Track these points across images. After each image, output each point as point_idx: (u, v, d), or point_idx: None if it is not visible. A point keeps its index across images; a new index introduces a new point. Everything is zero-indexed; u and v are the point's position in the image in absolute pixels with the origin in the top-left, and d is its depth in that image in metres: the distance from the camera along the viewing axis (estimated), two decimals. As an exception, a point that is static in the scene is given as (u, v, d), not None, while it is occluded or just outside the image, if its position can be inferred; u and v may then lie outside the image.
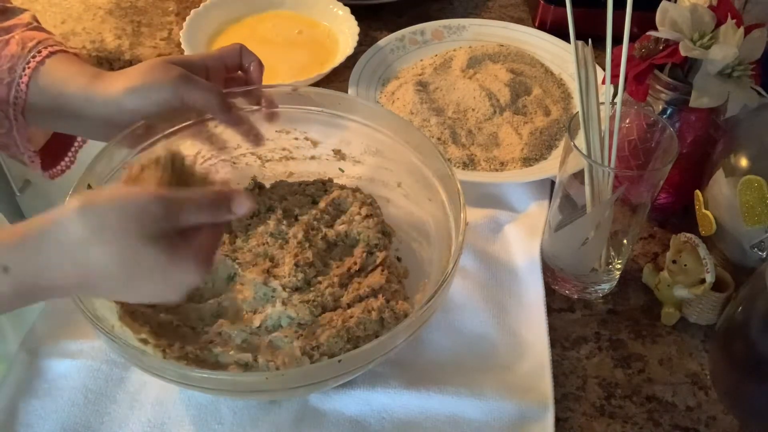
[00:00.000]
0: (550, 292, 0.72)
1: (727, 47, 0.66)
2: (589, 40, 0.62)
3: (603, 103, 0.63)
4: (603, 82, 0.66)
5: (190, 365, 0.59)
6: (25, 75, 0.63)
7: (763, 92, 0.69)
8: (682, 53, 0.66)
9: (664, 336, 0.70)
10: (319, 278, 0.65)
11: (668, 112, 0.72)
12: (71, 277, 0.46)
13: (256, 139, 0.69)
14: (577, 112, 0.63)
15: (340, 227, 0.69)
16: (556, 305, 0.72)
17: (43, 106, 0.64)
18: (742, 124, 0.70)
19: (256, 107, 0.70)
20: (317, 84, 0.89)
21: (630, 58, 0.71)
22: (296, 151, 0.75)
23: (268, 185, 0.73)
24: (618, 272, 0.71)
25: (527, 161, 0.83)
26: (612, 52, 0.63)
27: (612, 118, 0.63)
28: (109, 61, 0.99)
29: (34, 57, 0.64)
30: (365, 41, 0.97)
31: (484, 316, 0.70)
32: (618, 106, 0.63)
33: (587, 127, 0.63)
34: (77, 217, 0.45)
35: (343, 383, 0.62)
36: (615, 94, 0.64)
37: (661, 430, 0.63)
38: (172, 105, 0.63)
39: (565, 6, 0.60)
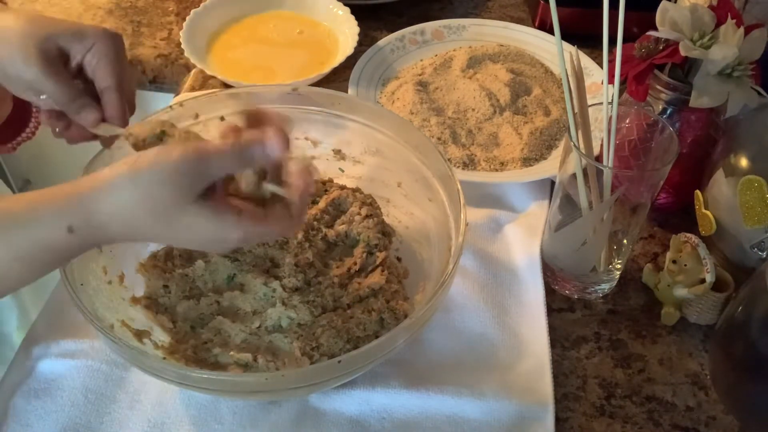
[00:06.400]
0: (550, 292, 0.72)
1: (727, 47, 0.66)
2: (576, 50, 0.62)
3: (601, 104, 0.63)
4: (611, 82, 0.65)
5: (189, 365, 0.59)
6: None
7: (763, 92, 0.69)
8: (682, 53, 0.66)
9: (664, 336, 0.70)
10: (319, 278, 0.65)
11: (668, 112, 0.72)
12: (125, 234, 0.49)
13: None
14: (575, 114, 0.63)
15: (340, 227, 0.69)
16: (556, 305, 0.72)
17: None
18: (742, 124, 0.70)
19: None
20: (317, 84, 0.89)
21: (630, 58, 0.71)
22: (296, 151, 0.75)
23: (268, 185, 0.73)
24: (618, 272, 0.71)
25: (527, 161, 0.83)
26: (612, 52, 0.63)
27: (611, 118, 0.63)
28: (109, 61, 0.99)
29: None
30: (365, 41, 0.96)
31: (484, 316, 0.70)
32: (614, 106, 0.63)
33: (576, 130, 0.63)
34: (125, 183, 0.47)
35: (343, 383, 0.62)
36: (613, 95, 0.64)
37: (661, 430, 0.63)
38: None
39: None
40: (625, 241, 0.69)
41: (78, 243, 0.48)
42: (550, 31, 0.98)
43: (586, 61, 0.91)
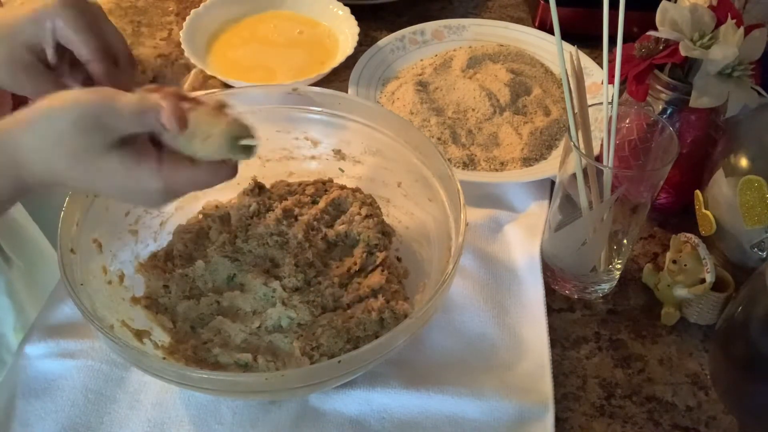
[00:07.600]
0: (550, 292, 0.72)
1: (727, 47, 0.66)
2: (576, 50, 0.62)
3: (601, 104, 0.63)
4: (611, 82, 0.65)
5: (189, 365, 0.59)
6: None
7: (763, 92, 0.69)
8: (682, 53, 0.66)
9: (664, 336, 0.70)
10: (319, 278, 0.65)
11: (668, 112, 0.72)
12: (47, 176, 0.49)
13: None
14: (575, 114, 0.63)
15: (340, 227, 0.69)
16: (556, 305, 0.72)
17: None
18: (742, 124, 0.70)
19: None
20: (317, 84, 0.89)
21: (630, 58, 0.71)
22: (296, 151, 0.75)
23: (268, 185, 0.73)
24: (618, 272, 0.71)
25: (527, 161, 0.83)
26: (612, 52, 0.63)
27: (611, 118, 0.63)
28: (109, 61, 0.99)
29: None
30: (365, 41, 0.97)
31: (484, 316, 0.70)
32: (614, 106, 0.63)
33: (576, 130, 0.63)
34: (42, 120, 0.48)
35: (343, 383, 0.62)
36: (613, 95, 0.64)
37: (661, 430, 0.63)
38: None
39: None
40: (625, 241, 0.69)
41: (3, 180, 0.48)
42: (550, 31, 0.98)
43: (586, 61, 0.91)
